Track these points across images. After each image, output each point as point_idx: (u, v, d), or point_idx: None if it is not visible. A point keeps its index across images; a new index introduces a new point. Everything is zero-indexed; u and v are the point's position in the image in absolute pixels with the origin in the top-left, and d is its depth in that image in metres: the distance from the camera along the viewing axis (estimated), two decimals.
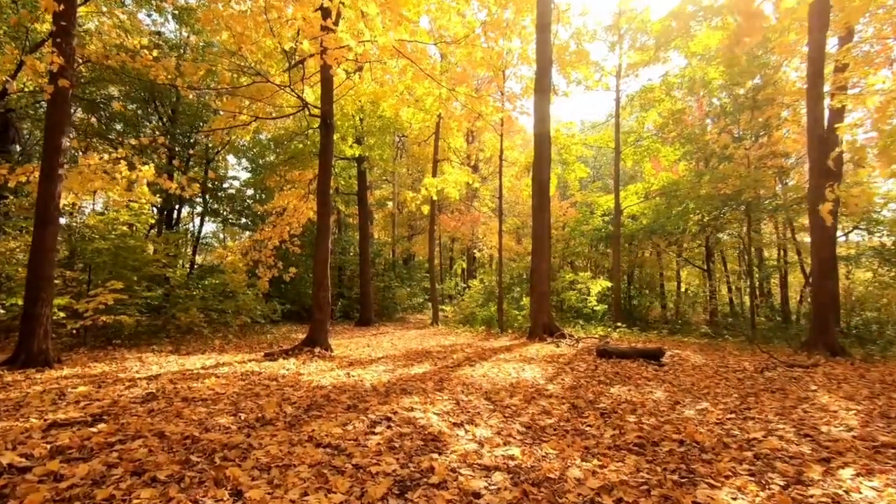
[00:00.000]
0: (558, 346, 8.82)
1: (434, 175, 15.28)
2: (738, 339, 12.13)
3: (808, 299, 18.31)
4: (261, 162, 18.64)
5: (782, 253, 19.53)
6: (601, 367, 6.83)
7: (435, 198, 14.18)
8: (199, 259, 20.10)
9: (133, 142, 6.78)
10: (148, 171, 7.21)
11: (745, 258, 17.34)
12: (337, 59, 6.19)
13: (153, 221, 10.83)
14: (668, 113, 14.99)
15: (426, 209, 15.28)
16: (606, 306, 15.46)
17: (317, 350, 7.89)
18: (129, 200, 9.59)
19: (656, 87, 15.07)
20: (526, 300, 15.65)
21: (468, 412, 4.38)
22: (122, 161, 6.70)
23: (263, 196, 18.25)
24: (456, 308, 18.02)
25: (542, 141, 11.42)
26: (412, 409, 4.33)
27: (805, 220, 17.82)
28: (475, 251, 24.30)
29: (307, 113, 8.33)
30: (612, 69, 15.06)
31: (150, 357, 7.24)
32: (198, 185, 7.68)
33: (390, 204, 24.59)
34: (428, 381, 5.87)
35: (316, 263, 8.28)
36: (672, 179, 15.22)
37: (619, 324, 12.77)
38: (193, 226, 20.90)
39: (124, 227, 10.31)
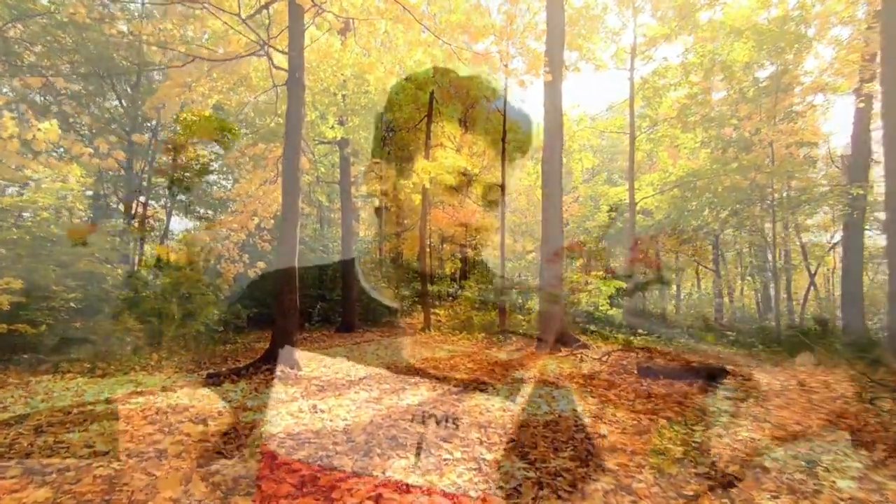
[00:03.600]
0: (582, 361, 7.17)
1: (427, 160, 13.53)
2: (770, 347, 10.75)
3: (815, 304, 17.30)
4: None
5: (795, 255, 18.38)
6: (654, 392, 5.19)
7: (428, 185, 12.44)
8: (173, 258, 18.03)
9: (18, 83, 4.90)
10: (50, 129, 5.33)
11: (768, 258, 15.99)
12: None
13: (82, 208, 8.87)
14: (686, 97, 13.55)
15: (417, 199, 13.53)
16: (620, 310, 13.91)
17: (279, 368, 6.08)
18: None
19: (673, 68, 13.62)
20: (530, 303, 14.03)
21: (500, 488, 2.68)
22: (5, 113, 4.84)
23: (225, 184, 16.32)
24: (450, 312, 16.28)
25: (553, 120, 9.95)
26: (408, 489, 2.61)
27: (809, 221, 16.80)
28: (469, 250, 22.56)
29: (271, 65, 6.53)
30: (626, 47, 13.60)
31: (44, 381, 5.34)
32: (122, 154, 5.81)
33: (377, 200, 22.71)
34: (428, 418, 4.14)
35: (280, 255, 6.48)
36: (692, 169, 13.76)
37: (640, 330, 11.19)
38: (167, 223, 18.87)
39: (46, 213, 8.37)
